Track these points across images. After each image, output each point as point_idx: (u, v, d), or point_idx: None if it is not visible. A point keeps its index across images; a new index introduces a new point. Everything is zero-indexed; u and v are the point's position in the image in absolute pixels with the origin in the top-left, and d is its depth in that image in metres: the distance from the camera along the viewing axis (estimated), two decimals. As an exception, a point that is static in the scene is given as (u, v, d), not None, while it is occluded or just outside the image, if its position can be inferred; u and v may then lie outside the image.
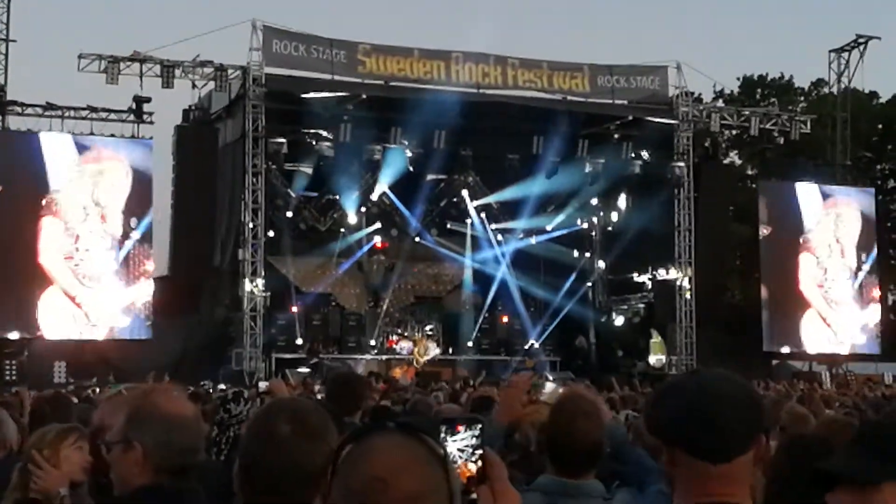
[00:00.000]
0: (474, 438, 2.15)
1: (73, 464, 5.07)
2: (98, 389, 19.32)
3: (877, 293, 36.93)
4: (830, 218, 36.07)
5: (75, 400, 11.41)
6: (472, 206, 36.33)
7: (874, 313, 36.66)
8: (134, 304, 29.55)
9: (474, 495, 2.09)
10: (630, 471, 4.62)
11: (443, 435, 2.14)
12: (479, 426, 2.19)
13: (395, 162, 32.48)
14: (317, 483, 2.63)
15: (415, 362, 32.68)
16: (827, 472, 2.54)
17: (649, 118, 33.81)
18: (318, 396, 13.43)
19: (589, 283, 37.88)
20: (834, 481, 2.52)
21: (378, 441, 1.99)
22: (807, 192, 36.23)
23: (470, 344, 35.41)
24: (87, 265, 29.02)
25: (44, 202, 28.64)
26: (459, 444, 2.15)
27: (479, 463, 2.13)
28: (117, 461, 3.26)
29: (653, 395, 2.98)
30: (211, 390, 18.99)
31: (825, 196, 36.46)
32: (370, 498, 1.94)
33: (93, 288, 29.06)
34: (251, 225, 30.36)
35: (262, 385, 13.27)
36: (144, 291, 29.67)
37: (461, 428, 2.17)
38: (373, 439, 2.00)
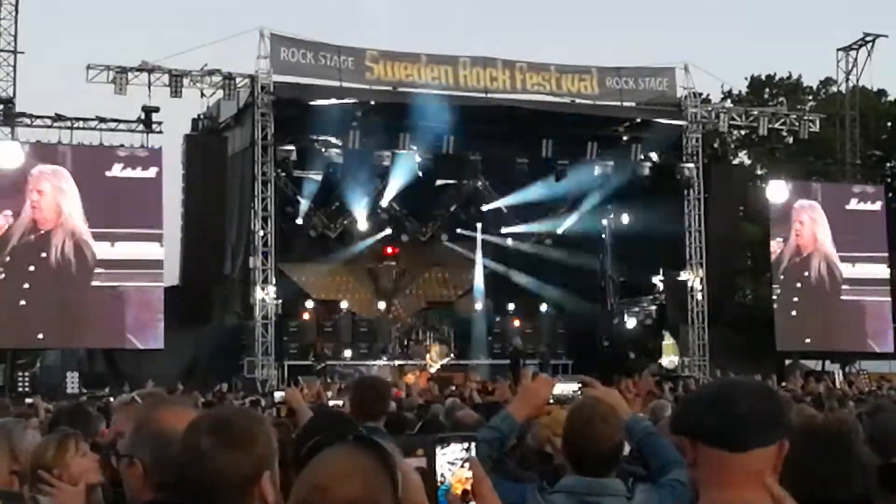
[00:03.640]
0: (465, 452, 2.19)
1: (84, 471, 5.05)
2: (112, 399, 19.36)
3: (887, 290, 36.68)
4: (837, 216, 35.95)
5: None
6: (482, 210, 36.37)
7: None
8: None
9: None
10: (653, 463, 4.64)
11: (437, 449, 2.18)
12: (473, 443, 2.23)
13: (404, 167, 32.51)
14: (247, 490, 2.65)
15: (428, 367, 32.67)
16: None
17: (658, 119, 33.78)
18: (330, 403, 13.43)
19: (600, 286, 37.83)
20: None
21: (330, 452, 2.06)
22: (816, 192, 36.20)
23: (482, 348, 35.40)
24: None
25: None
26: (450, 458, 2.18)
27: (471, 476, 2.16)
28: (124, 475, 3.31)
29: (680, 402, 3.05)
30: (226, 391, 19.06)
31: (832, 194, 36.38)
32: None
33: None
34: (261, 233, 30.37)
35: (278, 395, 13.24)
36: None
37: (455, 444, 2.21)
38: (328, 450, 2.06)
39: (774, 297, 35.34)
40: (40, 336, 28.57)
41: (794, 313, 34.97)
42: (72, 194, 29.05)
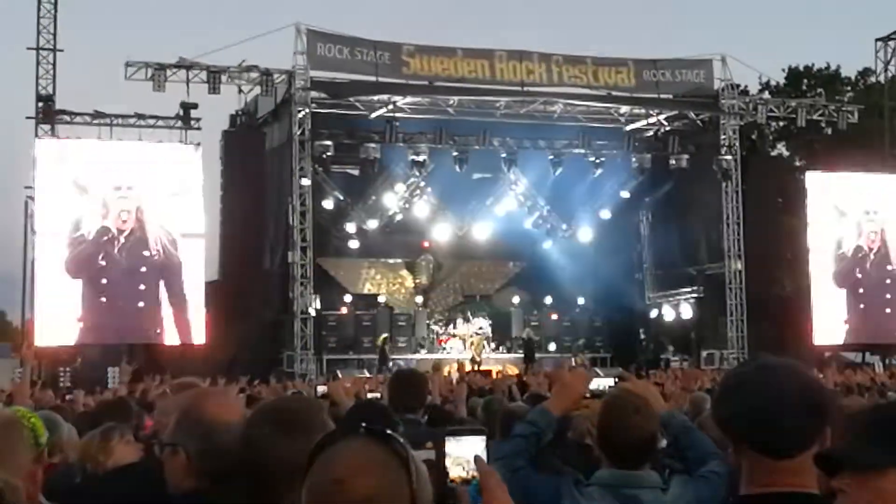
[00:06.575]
0: (475, 446, 2.24)
1: (128, 457, 5.25)
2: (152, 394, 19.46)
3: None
4: (879, 208, 35.64)
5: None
6: (519, 202, 36.35)
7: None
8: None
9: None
10: (691, 456, 4.66)
11: (448, 442, 2.23)
12: (484, 437, 2.27)
13: (441, 161, 32.54)
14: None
15: (473, 361, 32.57)
16: (830, 457, 2.56)
17: (695, 112, 33.68)
18: (368, 396, 13.49)
19: (638, 278, 37.74)
20: (838, 466, 2.53)
21: (343, 444, 2.08)
22: (853, 182, 35.88)
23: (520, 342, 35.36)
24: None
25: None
26: (458, 452, 2.23)
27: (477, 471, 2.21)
28: (167, 463, 3.35)
29: (719, 388, 3.03)
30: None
31: (872, 186, 36.05)
32: (327, 498, 2.03)
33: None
34: (299, 228, 30.51)
35: (320, 389, 13.30)
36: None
37: (466, 438, 2.26)
38: (340, 443, 2.09)
39: (812, 290, 35.06)
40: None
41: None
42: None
